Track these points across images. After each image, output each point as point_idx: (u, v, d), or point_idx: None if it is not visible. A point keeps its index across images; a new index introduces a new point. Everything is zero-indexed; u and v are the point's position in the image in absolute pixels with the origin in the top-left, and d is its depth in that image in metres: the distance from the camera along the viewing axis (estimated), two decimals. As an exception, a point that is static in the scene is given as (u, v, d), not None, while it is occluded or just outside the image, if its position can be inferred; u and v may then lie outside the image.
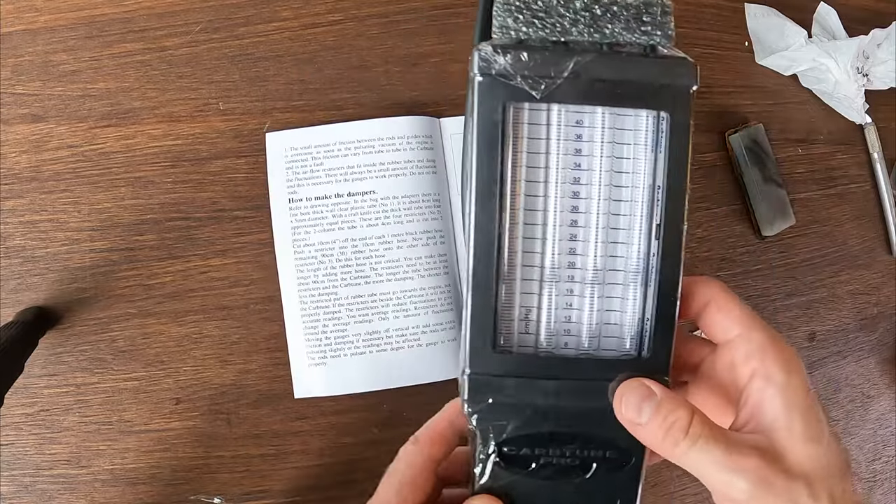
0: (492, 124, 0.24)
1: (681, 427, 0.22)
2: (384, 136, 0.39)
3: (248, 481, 0.37)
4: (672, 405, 0.23)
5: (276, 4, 0.40)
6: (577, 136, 0.25)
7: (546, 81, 0.23)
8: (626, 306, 0.26)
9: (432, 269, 0.39)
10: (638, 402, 0.24)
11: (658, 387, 0.24)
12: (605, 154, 0.25)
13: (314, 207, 0.38)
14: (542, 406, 0.26)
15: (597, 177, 0.25)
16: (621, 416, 0.24)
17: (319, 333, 0.38)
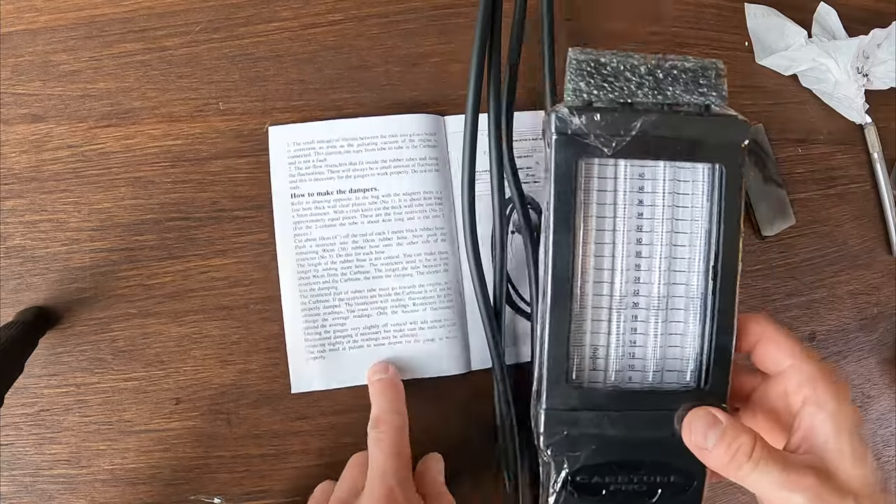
0: (567, 178, 0.26)
1: (745, 452, 0.25)
2: (387, 134, 0.39)
3: (248, 481, 0.37)
4: (736, 431, 0.25)
5: (276, 4, 0.40)
6: (640, 188, 0.27)
7: (616, 139, 0.26)
8: (686, 342, 0.28)
9: (432, 267, 0.39)
10: (705, 429, 0.26)
11: (723, 414, 0.26)
12: (666, 203, 0.28)
13: (316, 203, 0.38)
14: (613, 436, 0.27)
15: (659, 224, 0.28)
16: (689, 441, 0.27)
17: (319, 327, 0.38)
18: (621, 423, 0.27)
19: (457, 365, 0.39)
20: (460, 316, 0.39)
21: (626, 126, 0.26)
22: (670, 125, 0.26)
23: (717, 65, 0.27)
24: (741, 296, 0.28)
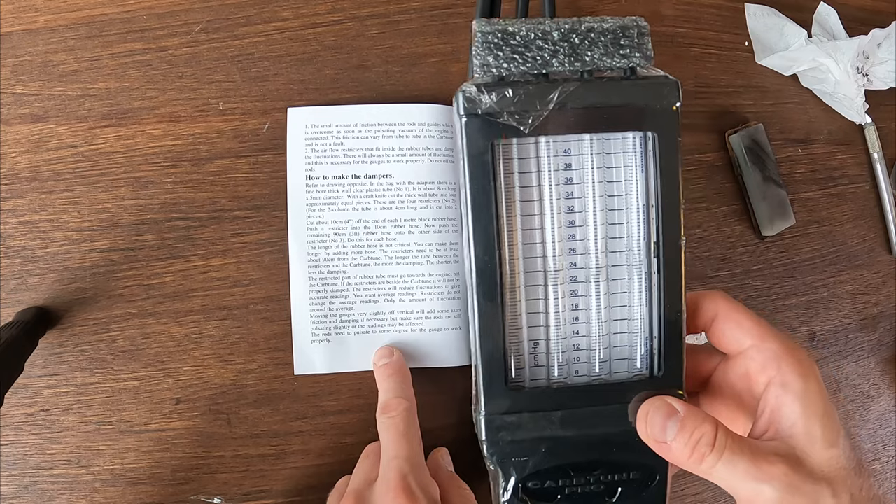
0: (482, 163, 0.24)
1: (707, 442, 0.23)
2: (405, 122, 0.39)
3: (248, 481, 0.37)
4: (696, 420, 0.23)
5: (276, 4, 0.40)
6: (567, 165, 0.25)
7: (533, 115, 0.23)
8: (634, 326, 0.26)
9: (442, 257, 0.39)
10: (662, 420, 0.24)
11: (680, 404, 0.24)
12: (596, 179, 0.25)
13: (330, 186, 0.39)
14: (563, 437, 0.25)
15: (590, 202, 0.25)
16: (646, 435, 0.24)
17: (325, 310, 0.38)
18: (571, 422, 0.25)
19: (461, 356, 0.39)
20: (466, 307, 0.39)
21: (543, 99, 0.23)
22: (592, 94, 0.24)
23: (638, 22, 0.25)
24: (741, 295, 0.28)
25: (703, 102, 0.45)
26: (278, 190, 0.39)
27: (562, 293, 0.26)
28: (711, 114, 0.45)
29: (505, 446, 0.26)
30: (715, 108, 0.45)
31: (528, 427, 0.26)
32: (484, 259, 0.25)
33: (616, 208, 0.26)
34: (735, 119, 0.45)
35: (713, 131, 0.45)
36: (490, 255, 0.25)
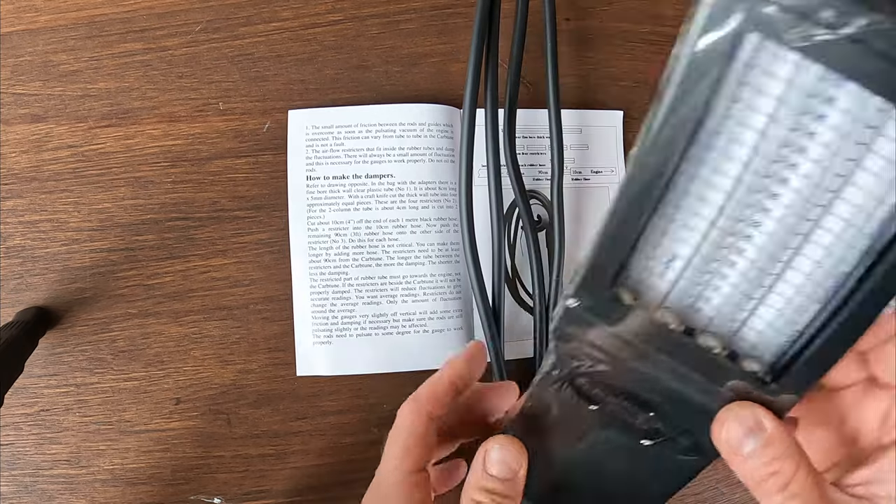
0: (717, 54, 0.17)
1: (781, 482, 0.20)
2: (406, 122, 0.39)
3: (248, 481, 0.37)
4: (780, 450, 0.20)
5: (276, 4, 0.40)
6: (820, 116, 0.18)
7: (818, 30, 0.16)
8: (787, 319, 0.21)
9: (444, 257, 0.39)
10: (743, 433, 0.21)
11: (772, 422, 0.21)
12: (846, 153, 0.18)
13: (331, 186, 0.39)
14: (636, 370, 0.22)
15: (822, 174, 0.19)
16: (718, 438, 0.22)
17: (327, 312, 0.38)
18: (652, 363, 0.22)
19: None
20: (468, 308, 0.39)
21: (841, 18, 0.16)
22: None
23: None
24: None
25: (703, 102, 0.45)
26: (278, 190, 0.39)
27: (734, 229, 0.20)
28: (711, 114, 0.45)
29: (575, 345, 0.23)
30: (715, 108, 0.45)
31: (606, 340, 0.22)
32: (665, 139, 0.19)
33: (849, 196, 0.19)
34: (735, 119, 0.44)
35: (713, 131, 0.45)
36: (673, 143, 0.19)
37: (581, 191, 0.42)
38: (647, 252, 0.21)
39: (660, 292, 0.22)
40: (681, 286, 0.21)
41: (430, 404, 0.28)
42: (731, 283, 0.21)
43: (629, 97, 0.44)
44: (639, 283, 0.22)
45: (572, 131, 0.42)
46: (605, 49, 0.44)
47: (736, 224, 0.20)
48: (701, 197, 0.20)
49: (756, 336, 0.22)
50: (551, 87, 0.39)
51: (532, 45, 0.40)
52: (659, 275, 0.21)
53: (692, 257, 0.21)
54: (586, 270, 0.21)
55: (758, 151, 0.19)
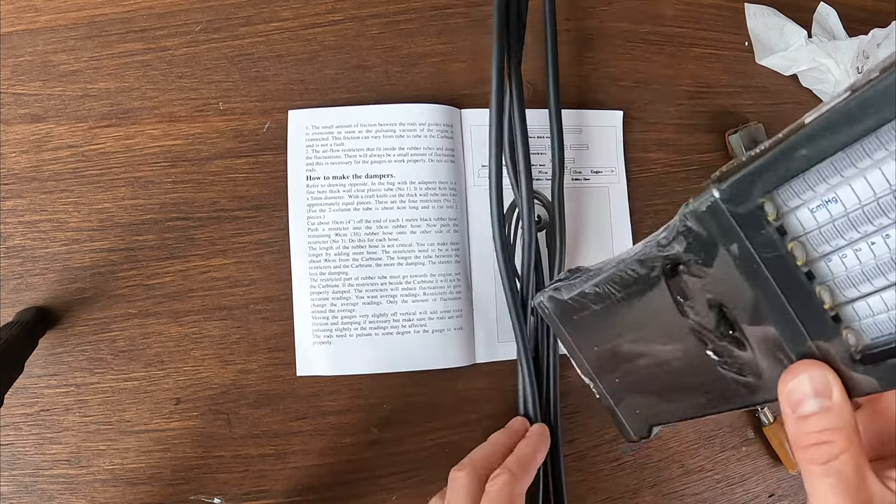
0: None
1: (827, 452, 0.20)
2: (406, 122, 0.39)
3: (248, 481, 0.37)
4: (838, 422, 0.20)
5: (276, 4, 0.40)
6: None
7: None
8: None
9: (444, 257, 0.39)
10: (808, 391, 0.20)
11: (841, 392, 0.20)
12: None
13: (331, 186, 0.39)
14: (741, 285, 0.22)
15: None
16: (782, 391, 0.21)
17: (327, 312, 0.38)
18: (759, 286, 0.21)
19: (463, 357, 0.39)
20: (468, 307, 0.39)
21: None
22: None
23: None
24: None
25: (703, 102, 0.45)
26: (278, 190, 0.39)
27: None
28: (711, 114, 0.45)
29: (698, 229, 0.22)
30: (715, 108, 0.45)
31: (729, 242, 0.21)
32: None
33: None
34: (735, 119, 0.45)
35: (713, 131, 0.45)
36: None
37: (581, 191, 0.42)
38: (812, 181, 0.20)
39: (803, 226, 0.21)
40: (826, 230, 0.20)
41: (484, 470, 0.29)
42: (874, 254, 0.20)
43: (629, 97, 0.44)
44: (788, 206, 0.21)
45: (572, 131, 0.42)
46: (605, 49, 0.44)
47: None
48: (894, 157, 0.18)
49: (868, 313, 0.21)
50: (552, 87, 0.39)
51: (532, 45, 0.40)
52: (812, 209, 0.20)
53: (853, 210, 0.20)
54: (749, 169, 0.20)
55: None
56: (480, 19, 0.42)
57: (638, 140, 0.43)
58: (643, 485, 0.41)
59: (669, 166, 0.44)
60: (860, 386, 0.21)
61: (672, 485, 0.41)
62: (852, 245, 0.20)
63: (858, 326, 0.21)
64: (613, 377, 0.29)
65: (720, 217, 0.21)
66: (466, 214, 0.40)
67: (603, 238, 0.42)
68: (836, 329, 0.21)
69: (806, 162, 0.19)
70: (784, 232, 0.21)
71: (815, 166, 0.19)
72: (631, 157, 0.43)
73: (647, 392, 0.28)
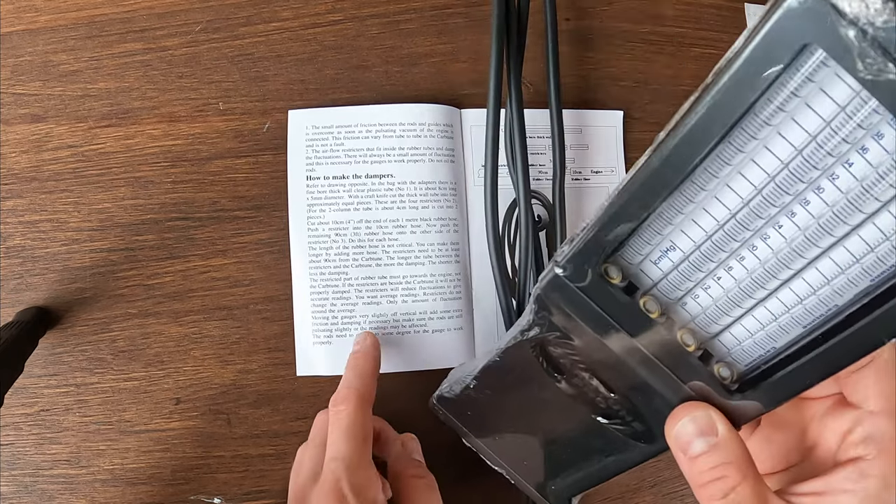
0: (777, 58, 0.16)
1: (722, 488, 0.20)
2: (406, 122, 0.39)
3: (248, 481, 0.37)
4: (728, 456, 0.21)
5: (276, 4, 0.40)
6: (863, 149, 0.17)
7: (892, 67, 0.15)
8: (776, 333, 0.21)
9: (444, 257, 0.39)
10: (694, 433, 0.21)
11: (725, 426, 0.21)
12: (876, 193, 0.17)
13: (331, 186, 0.39)
14: (607, 350, 0.22)
15: (843, 205, 0.18)
16: (669, 433, 0.22)
17: (327, 312, 0.38)
18: (624, 347, 0.22)
19: (463, 357, 0.39)
20: (468, 307, 0.39)
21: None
22: None
23: None
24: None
25: (703, 102, 0.45)
26: (278, 190, 0.39)
27: (734, 241, 0.20)
28: (711, 114, 0.45)
29: (552, 309, 0.22)
30: (715, 108, 0.45)
31: (585, 314, 0.22)
32: (694, 139, 0.18)
33: (865, 233, 0.19)
34: (735, 119, 0.44)
35: (713, 131, 0.45)
36: (699, 145, 0.18)
37: (581, 191, 0.42)
38: (646, 237, 0.21)
39: (650, 279, 0.22)
40: (672, 278, 0.21)
41: (368, 396, 0.32)
42: (723, 288, 0.21)
43: (629, 97, 0.44)
44: (630, 266, 0.22)
45: (572, 131, 0.42)
46: (605, 49, 0.44)
47: (743, 231, 0.20)
48: (716, 197, 0.19)
49: (734, 344, 0.22)
50: (552, 87, 0.39)
51: (532, 45, 0.40)
52: (653, 262, 0.21)
53: (691, 253, 0.20)
54: (582, 243, 0.21)
55: (787, 166, 0.18)
56: (480, 19, 0.42)
57: (638, 140, 0.43)
58: (643, 485, 0.41)
59: (669, 166, 0.44)
60: (746, 412, 0.21)
61: (672, 485, 0.41)
62: (700, 285, 0.21)
63: (730, 358, 0.22)
64: (522, 461, 0.29)
65: (568, 292, 0.22)
66: (466, 214, 0.40)
67: (603, 238, 0.42)
68: (708, 367, 0.22)
69: (631, 222, 0.20)
70: (634, 289, 0.22)
71: (642, 224, 0.20)
72: (631, 158, 0.43)
73: (557, 468, 0.28)
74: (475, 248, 0.40)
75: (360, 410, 0.31)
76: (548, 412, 0.27)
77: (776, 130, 0.18)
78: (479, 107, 0.41)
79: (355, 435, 0.30)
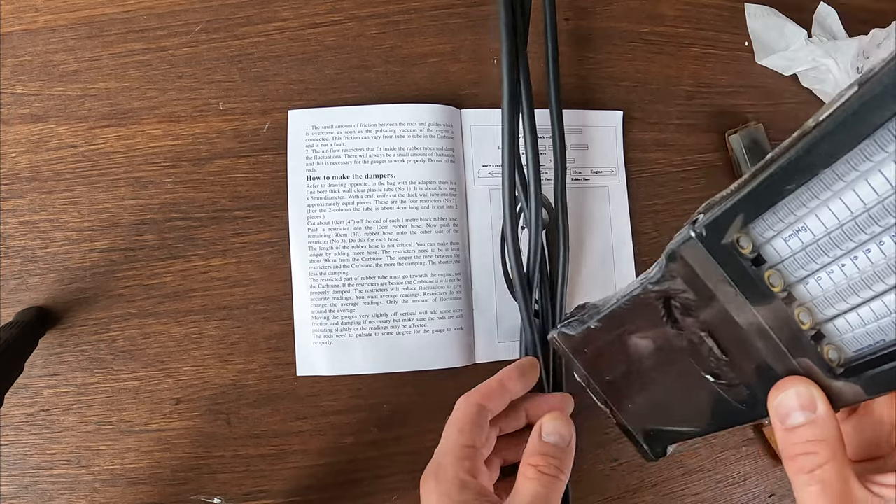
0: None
1: (812, 462, 0.21)
2: (406, 122, 0.39)
3: (248, 481, 0.37)
4: (822, 434, 0.21)
5: (276, 4, 0.40)
6: None
7: None
8: (889, 327, 0.21)
9: (444, 257, 0.39)
10: (794, 405, 0.22)
11: (825, 405, 0.22)
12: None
13: (331, 186, 0.39)
14: (728, 314, 0.23)
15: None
16: (772, 403, 0.23)
17: (327, 312, 0.38)
18: (744, 313, 0.23)
19: (463, 357, 0.39)
20: (468, 307, 0.39)
21: None
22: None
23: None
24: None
25: (703, 102, 0.45)
26: (278, 190, 0.39)
27: (885, 211, 0.20)
28: (711, 114, 0.45)
29: (682, 267, 0.24)
30: (715, 108, 0.45)
31: (711, 277, 0.23)
32: (853, 122, 0.19)
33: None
34: (735, 119, 0.45)
35: (713, 131, 0.45)
36: (855, 137, 0.19)
37: (581, 191, 0.42)
38: (782, 214, 0.22)
39: (778, 254, 0.22)
40: (799, 257, 0.22)
41: (481, 397, 0.31)
42: (845, 275, 0.22)
43: (629, 97, 0.44)
44: (761, 239, 0.22)
45: (572, 131, 0.42)
46: (605, 49, 0.44)
47: (873, 226, 0.20)
48: (853, 188, 0.20)
49: (846, 330, 0.22)
50: (552, 87, 0.39)
51: (531, 45, 0.39)
52: (784, 239, 0.22)
53: (822, 237, 0.21)
54: (724, 209, 0.22)
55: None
56: (480, 19, 0.42)
57: (638, 140, 0.43)
58: (643, 485, 0.41)
59: (669, 166, 0.44)
60: (845, 396, 0.22)
61: (672, 485, 0.41)
62: (825, 268, 0.22)
63: (840, 342, 0.23)
64: (627, 403, 0.31)
65: (699, 254, 0.23)
66: (466, 214, 0.40)
67: (603, 238, 0.42)
68: (818, 346, 0.22)
69: (773, 198, 0.21)
70: (762, 261, 0.22)
71: (781, 202, 0.21)
72: (631, 157, 0.43)
73: (658, 415, 0.30)
74: (475, 248, 0.40)
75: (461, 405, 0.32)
76: (660, 363, 0.28)
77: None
78: (480, 107, 0.41)
79: (449, 424, 0.31)
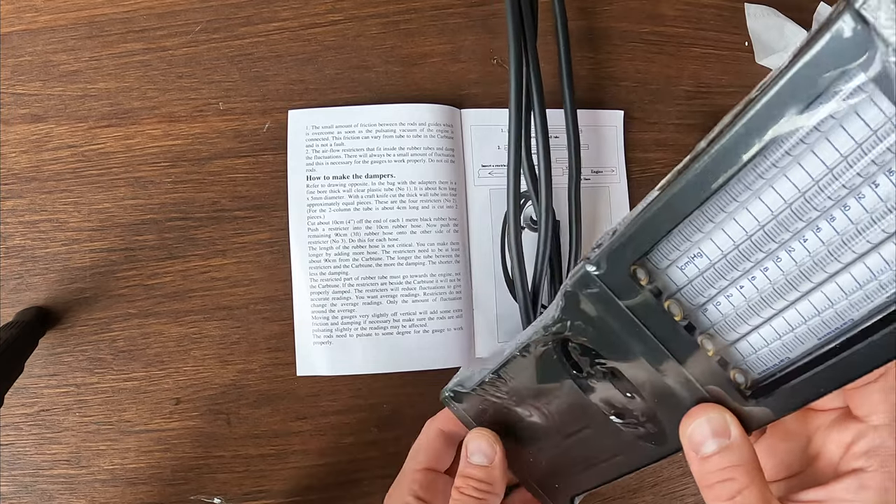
0: (809, 81, 0.17)
1: (731, 489, 0.21)
2: (406, 122, 0.39)
3: (248, 481, 0.37)
4: (738, 459, 0.21)
5: (276, 4, 0.40)
6: (890, 172, 0.18)
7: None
8: (792, 343, 0.21)
9: (444, 257, 0.39)
10: (708, 434, 0.22)
11: (738, 429, 0.22)
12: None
13: (331, 186, 0.39)
14: (630, 349, 0.23)
15: (866, 223, 0.19)
16: (683, 433, 0.22)
17: (327, 312, 0.38)
18: (646, 346, 0.22)
19: (462, 357, 0.39)
20: (468, 307, 0.39)
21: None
22: None
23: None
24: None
25: (703, 102, 0.45)
26: (278, 190, 0.39)
27: (780, 228, 0.20)
28: (711, 114, 0.45)
29: (579, 305, 0.23)
30: (715, 108, 0.45)
31: (610, 312, 0.22)
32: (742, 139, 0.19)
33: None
34: (735, 119, 0.44)
35: (713, 131, 0.45)
36: (744, 145, 0.19)
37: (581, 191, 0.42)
38: (676, 242, 0.21)
39: (675, 283, 0.22)
40: (697, 284, 0.22)
41: (442, 422, 0.31)
42: (745, 297, 0.21)
43: (629, 97, 0.44)
44: (657, 270, 0.22)
45: (572, 131, 0.42)
46: (605, 49, 0.44)
47: (770, 243, 0.20)
48: (746, 208, 0.20)
49: (751, 351, 0.22)
50: (566, 87, 0.39)
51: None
52: (680, 267, 0.22)
53: (718, 261, 0.21)
54: (616, 243, 0.22)
55: (818, 183, 0.19)
56: (480, 19, 0.42)
57: (638, 140, 0.43)
58: (643, 485, 0.41)
59: (669, 166, 0.44)
60: (757, 418, 0.22)
61: (672, 485, 0.41)
62: (723, 292, 0.22)
63: (745, 365, 0.22)
64: (528, 457, 0.30)
65: (596, 289, 0.22)
66: (466, 214, 0.40)
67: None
68: (725, 371, 0.22)
69: (663, 228, 0.21)
70: (659, 292, 0.22)
71: (673, 230, 0.21)
72: (631, 157, 0.43)
73: (562, 466, 0.29)
74: (475, 248, 0.40)
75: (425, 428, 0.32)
76: (561, 410, 0.27)
77: (810, 149, 0.18)
78: (480, 107, 0.41)
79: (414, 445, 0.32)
